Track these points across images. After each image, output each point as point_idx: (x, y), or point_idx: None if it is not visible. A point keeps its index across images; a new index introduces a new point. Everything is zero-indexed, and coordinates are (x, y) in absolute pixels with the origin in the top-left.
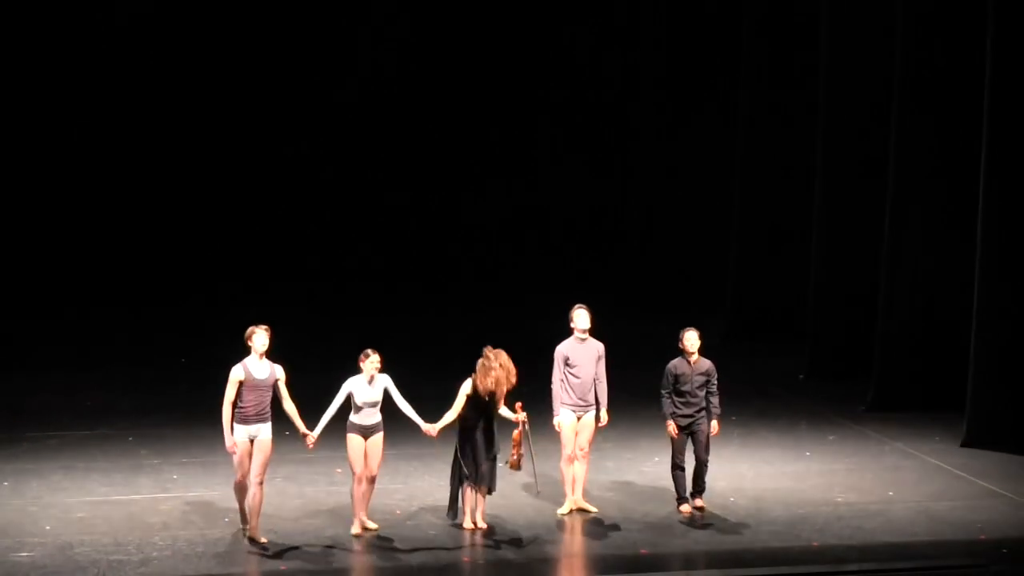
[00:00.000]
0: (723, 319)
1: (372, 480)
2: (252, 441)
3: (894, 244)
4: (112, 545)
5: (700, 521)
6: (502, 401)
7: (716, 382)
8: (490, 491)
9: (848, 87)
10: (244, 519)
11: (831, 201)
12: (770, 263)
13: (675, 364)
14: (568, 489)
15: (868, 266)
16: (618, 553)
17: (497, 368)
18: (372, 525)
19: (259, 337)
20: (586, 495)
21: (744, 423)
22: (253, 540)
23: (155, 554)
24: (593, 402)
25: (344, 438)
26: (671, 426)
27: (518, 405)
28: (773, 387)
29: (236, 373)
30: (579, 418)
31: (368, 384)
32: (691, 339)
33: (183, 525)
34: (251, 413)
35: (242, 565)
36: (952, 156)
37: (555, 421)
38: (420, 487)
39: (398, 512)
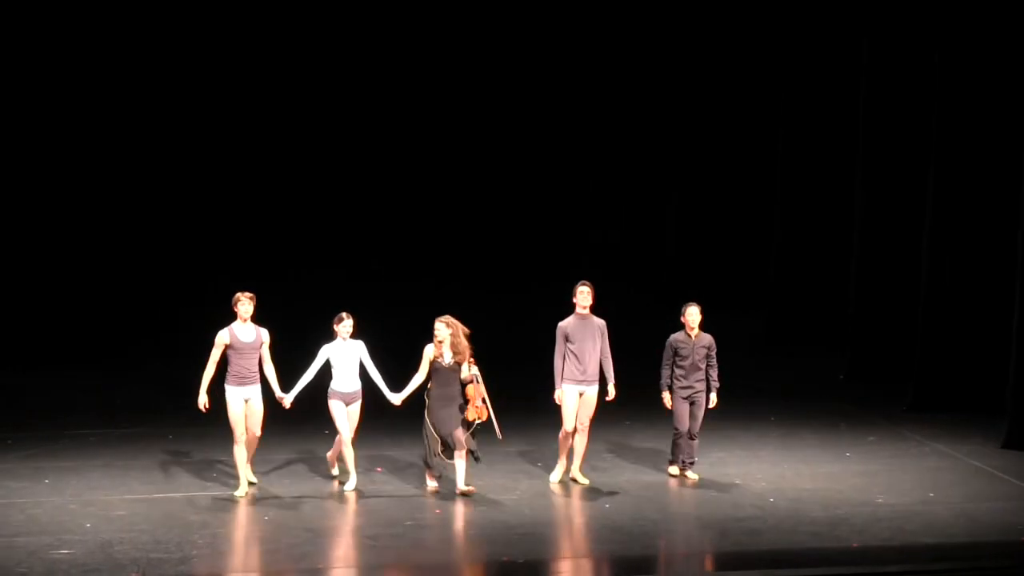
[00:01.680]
0: (763, 320)
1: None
2: (246, 402)
3: (934, 245)
4: (151, 543)
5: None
6: (467, 364)
7: (716, 355)
8: (475, 458)
9: (888, 90)
10: (244, 482)
11: (871, 202)
12: (810, 264)
13: (676, 337)
14: (563, 457)
15: (908, 267)
16: (656, 553)
17: (450, 336)
18: (335, 472)
19: (243, 306)
20: (583, 467)
21: (783, 423)
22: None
23: (195, 552)
24: (594, 378)
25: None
26: (667, 398)
27: (470, 361)
28: (813, 388)
29: (221, 337)
30: (581, 394)
31: (343, 349)
32: (692, 314)
33: (223, 523)
34: (242, 375)
35: (281, 564)
36: (992, 159)
37: (556, 395)
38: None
39: (437, 511)
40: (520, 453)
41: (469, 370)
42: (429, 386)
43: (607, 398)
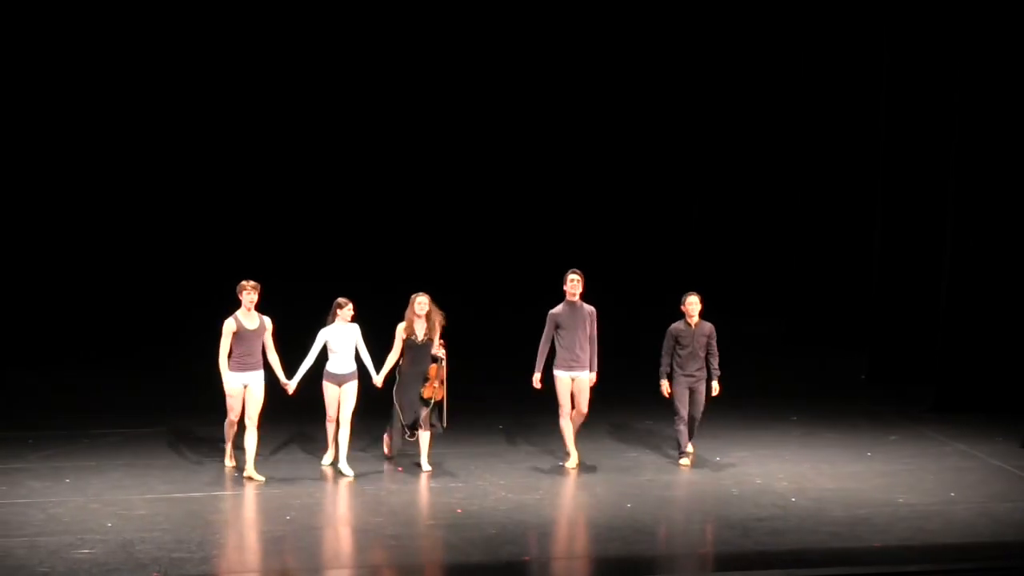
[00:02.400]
0: (784, 320)
1: (343, 423)
2: (246, 387)
3: (955, 245)
4: (173, 542)
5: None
6: (437, 343)
7: (716, 344)
8: (439, 430)
9: (909, 88)
10: (231, 455)
11: (892, 202)
12: (831, 264)
13: (676, 326)
14: (570, 445)
15: (929, 267)
16: (679, 552)
17: (423, 314)
18: (349, 472)
19: (248, 294)
20: (577, 445)
21: (805, 423)
22: (251, 478)
23: (216, 551)
24: (584, 364)
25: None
26: (664, 386)
27: (440, 342)
28: (834, 388)
29: (229, 325)
30: (572, 380)
31: (341, 332)
32: (692, 303)
33: (244, 522)
34: (244, 361)
35: (304, 563)
36: (1014, 157)
37: (535, 378)
38: (480, 486)
39: (459, 511)
40: (543, 453)
41: (437, 351)
42: (401, 364)
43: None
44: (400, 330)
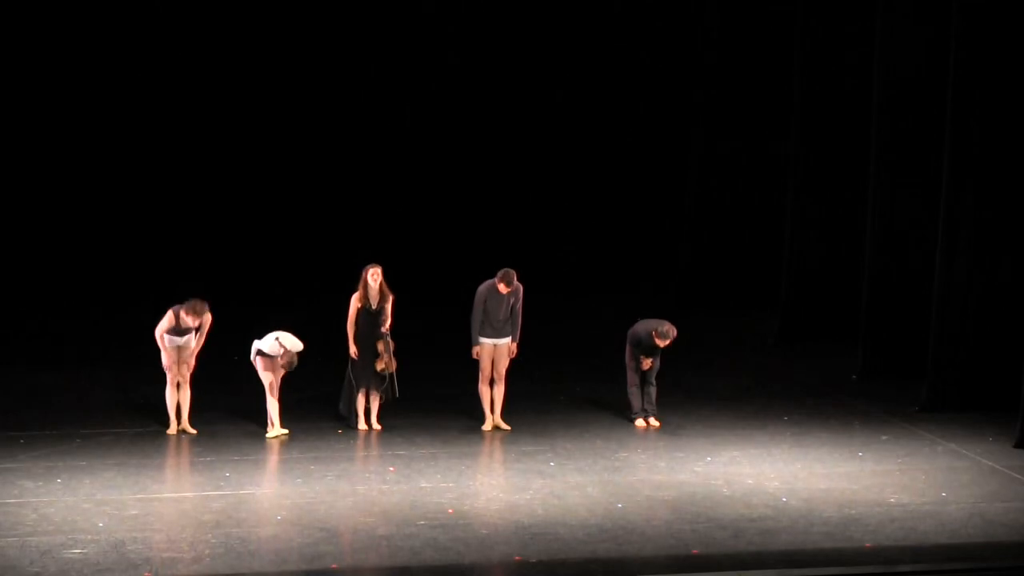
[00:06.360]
0: (777, 319)
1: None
2: (179, 348)
3: (948, 243)
4: (164, 542)
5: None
6: (389, 313)
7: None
8: (392, 398)
9: (901, 82)
10: (173, 421)
11: (884, 200)
12: (824, 263)
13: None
14: (486, 409)
15: (922, 266)
16: (669, 553)
17: (376, 284)
18: (284, 431)
19: (189, 315)
20: (503, 414)
21: (797, 423)
22: (185, 431)
23: (207, 551)
24: (507, 332)
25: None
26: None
27: (384, 319)
28: (826, 387)
29: (169, 316)
30: (495, 346)
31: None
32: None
33: (235, 523)
34: (179, 331)
35: (294, 563)
36: (1009, 151)
37: (474, 351)
38: (471, 486)
39: (450, 511)
40: (533, 453)
41: (383, 325)
42: (355, 333)
43: (511, 355)
44: (354, 299)
